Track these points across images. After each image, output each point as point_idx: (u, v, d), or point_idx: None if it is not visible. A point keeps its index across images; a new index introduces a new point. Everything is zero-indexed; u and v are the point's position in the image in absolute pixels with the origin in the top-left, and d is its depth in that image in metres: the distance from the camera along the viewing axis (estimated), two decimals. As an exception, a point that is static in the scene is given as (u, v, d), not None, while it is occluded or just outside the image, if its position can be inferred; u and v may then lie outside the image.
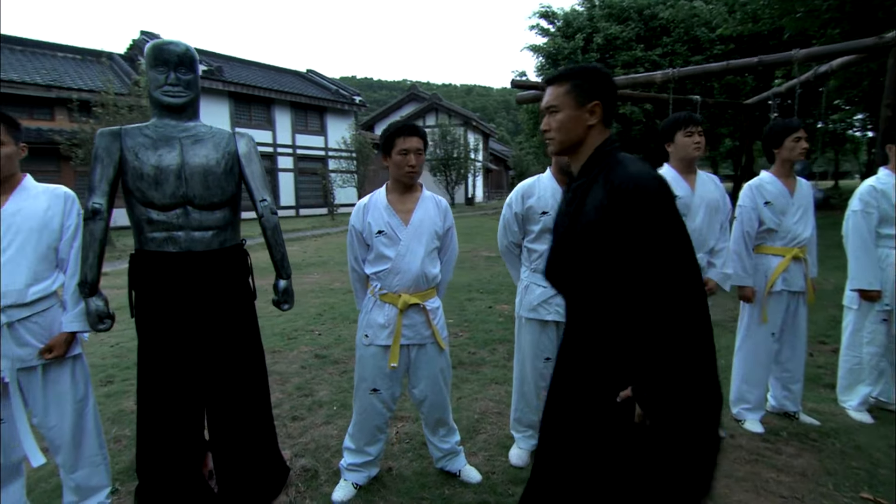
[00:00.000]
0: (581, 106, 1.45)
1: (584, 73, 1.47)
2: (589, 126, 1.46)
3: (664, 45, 16.82)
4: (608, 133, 1.48)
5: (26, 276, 1.94)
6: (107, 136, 2.04)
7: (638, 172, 1.33)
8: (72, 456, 2.09)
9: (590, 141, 1.47)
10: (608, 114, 1.48)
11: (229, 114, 19.97)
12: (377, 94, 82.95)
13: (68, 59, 17.90)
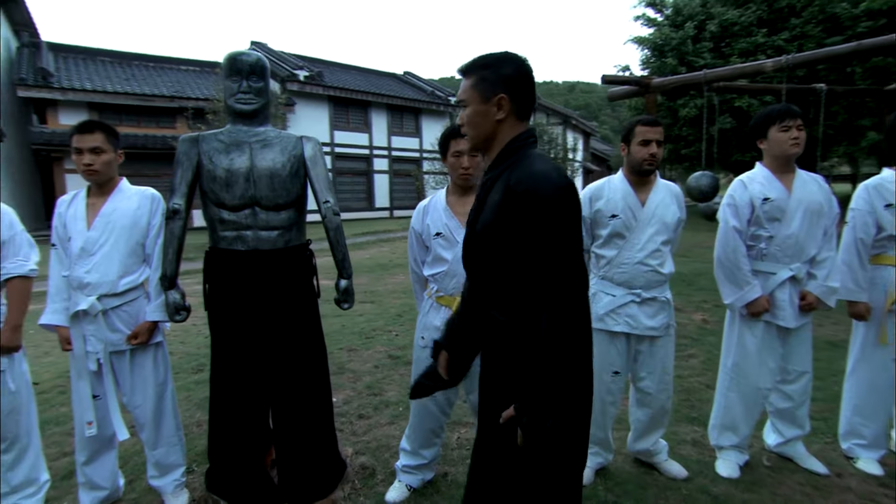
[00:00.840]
0: (487, 100, 1.40)
1: (489, 64, 1.40)
2: (497, 120, 1.40)
3: (792, 28, 15.33)
4: (523, 127, 1.43)
5: (118, 269, 2.22)
6: (186, 142, 2.27)
7: (535, 174, 1.29)
8: (153, 434, 2.35)
9: (500, 136, 1.42)
10: (521, 106, 1.41)
11: (328, 117, 21.18)
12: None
13: (189, 71, 20.03)
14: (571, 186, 1.30)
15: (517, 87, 1.40)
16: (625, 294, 2.40)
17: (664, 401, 2.53)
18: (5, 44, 17.41)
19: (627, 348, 2.47)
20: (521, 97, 1.40)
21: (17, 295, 2.26)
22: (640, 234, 2.38)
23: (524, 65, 1.41)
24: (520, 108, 1.41)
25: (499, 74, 1.39)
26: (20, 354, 2.31)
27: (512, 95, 1.39)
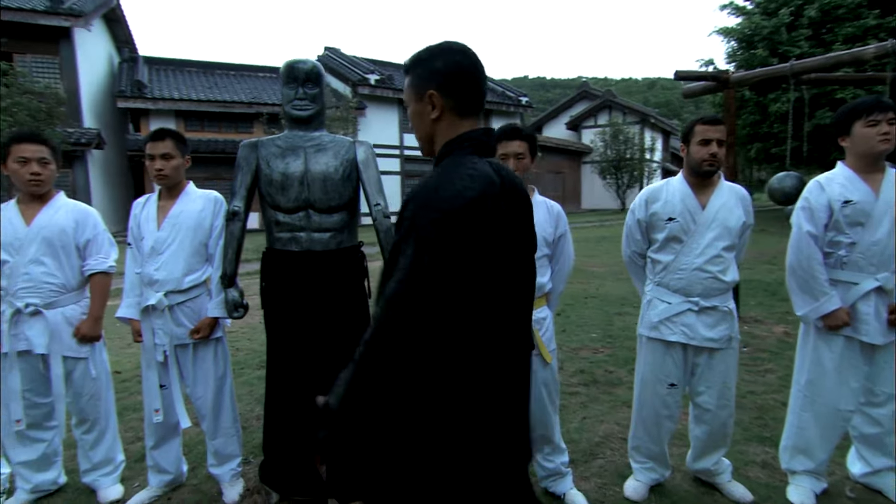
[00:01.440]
0: (419, 99, 1.28)
1: (421, 60, 1.28)
2: (433, 119, 1.28)
3: (913, 8, 13.92)
4: (465, 126, 1.27)
5: (183, 267, 2.41)
6: (246, 147, 2.43)
7: (430, 181, 1.17)
8: (212, 425, 2.52)
9: (438, 138, 1.30)
10: (460, 102, 1.26)
11: (398, 120, 21.68)
12: (550, 93, 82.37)
13: (266, 77, 21.17)
14: (468, 209, 1.11)
15: (451, 82, 1.26)
16: (681, 302, 2.31)
17: (724, 418, 2.41)
18: (108, 59, 19.21)
19: (684, 360, 2.37)
20: (456, 92, 1.26)
21: (99, 289, 2.51)
22: (699, 238, 2.28)
23: (460, 56, 1.27)
24: (458, 104, 1.27)
25: (429, 69, 1.27)
26: (100, 344, 2.56)
27: (444, 91, 1.25)
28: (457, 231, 1.10)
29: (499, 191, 1.19)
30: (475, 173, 1.16)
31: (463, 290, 1.13)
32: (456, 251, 1.10)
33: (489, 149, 1.29)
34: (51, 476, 2.56)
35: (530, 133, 2.33)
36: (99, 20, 17.48)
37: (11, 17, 14.42)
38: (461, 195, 1.12)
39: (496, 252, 1.18)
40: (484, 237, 1.14)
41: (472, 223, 1.11)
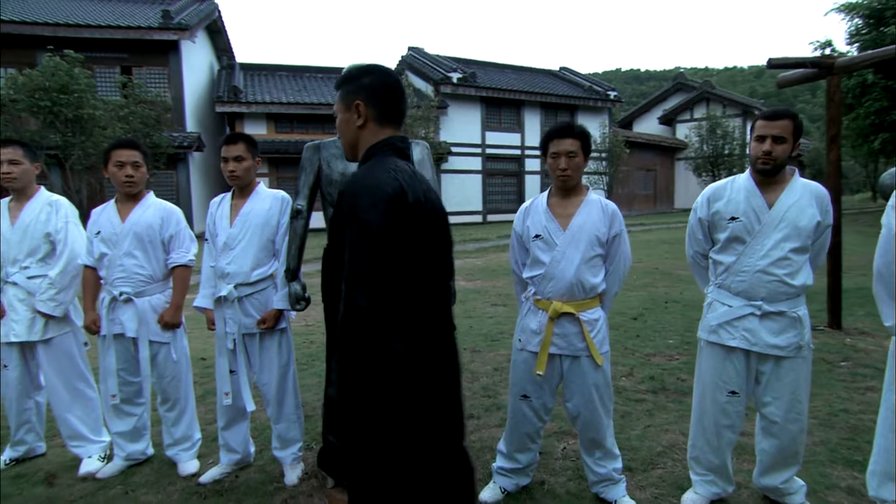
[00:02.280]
0: (347, 108, 1.49)
1: (351, 77, 1.50)
2: (358, 127, 1.48)
3: None
4: (385, 133, 1.48)
5: (251, 262, 2.64)
6: (310, 149, 2.62)
7: (360, 176, 1.36)
8: (276, 411, 2.74)
9: (361, 143, 1.49)
10: (381, 112, 1.47)
11: (480, 118, 21.80)
12: (644, 86, 79.04)
13: (353, 80, 22.05)
14: (393, 201, 1.29)
15: (375, 95, 1.48)
16: (743, 305, 2.22)
17: (795, 433, 2.27)
18: (210, 67, 20.89)
19: (747, 367, 2.27)
20: (379, 104, 1.48)
21: (179, 280, 2.81)
22: (763, 239, 2.18)
23: (384, 75, 1.51)
24: (380, 113, 1.48)
25: (358, 84, 1.49)
26: (181, 330, 2.86)
27: (369, 102, 1.47)
28: (389, 213, 1.29)
29: (420, 191, 1.39)
30: (397, 170, 1.37)
31: (401, 266, 1.31)
32: (391, 229, 1.30)
33: (406, 154, 1.51)
34: (140, 447, 2.90)
35: (583, 131, 2.33)
36: (202, 32, 19.06)
37: (132, 35, 16.10)
38: (388, 184, 1.32)
39: (418, 236, 1.37)
40: (408, 222, 1.33)
41: (398, 208, 1.31)
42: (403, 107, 1.54)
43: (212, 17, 19.28)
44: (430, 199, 1.45)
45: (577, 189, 2.39)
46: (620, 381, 3.95)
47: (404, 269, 1.32)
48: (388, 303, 1.28)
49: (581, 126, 2.36)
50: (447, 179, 21.12)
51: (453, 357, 1.53)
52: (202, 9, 18.54)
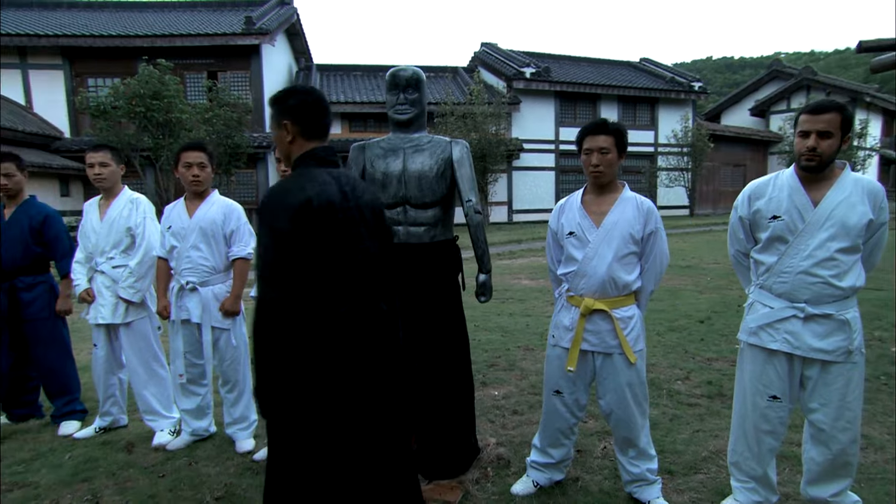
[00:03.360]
0: (279, 127, 1.80)
1: (277, 100, 1.81)
2: (288, 142, 1.79)
3: None
4: (310, 146, 1.79)
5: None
6: (356, 149, 2.81)
7: (275, 187, 1.68)
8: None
9: (293, 155, 1.81)
10: (306, 128, 1.78)
11: (554, 113, 21.56)
12: (737, 75, 74.32)
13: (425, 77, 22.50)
14: (299, 209, 1.59)
15: (299, 114, 1.78)
16: (785, 307, 2.17)
17: (845, 443, 2.19)
18: (288, 69, 22.01)
19: (790, 371, 2.22)
20: (302, 121, 1.78)
21: (239, 272, 3.10)
22: (807, 238, 2.12)
23: (305, 95, 1.81)
24: (304, 130, 1.78)
25: (284, 106, 1.79)
26: (240, 318, 3.15)
27: (295, 120, 1.77)
28: (294, 220, 1.59)
29: (336, 192, 1.70)
30: (310, 179, 1.69)
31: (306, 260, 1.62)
32: (294, 234, 1.59)
33: (329, 162, 1.80)
34: (204, 424, 3.23)
35: (618, 127, 2.36)
36: (282, 35, 20.13)
37: (217, 41, 17.30)
38: (295, 195, 1.62)
39: (333, 235, 1.67)
40: (319, 225, 1.63)
41: (302, 216, 1.60)
42: (327, 121, 1.85)
43: (290, 21, 20.32)
44: (357, 198, 1.77)
45: (612, 186, 2.43)
46: (675, 385, 3.89)
47: (310, 263, 1.63)
48: (290, 293, 1.59)
49: (617, 123, 2.39)
50: (518, 176, 21.07)
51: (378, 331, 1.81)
52: (282, 13, 19.58)
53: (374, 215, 1.84)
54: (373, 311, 1.79)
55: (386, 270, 1.89)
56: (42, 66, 17.28)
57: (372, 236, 1.81)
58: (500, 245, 14.16)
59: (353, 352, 1.72)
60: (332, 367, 1.68)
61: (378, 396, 1.79)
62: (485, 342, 5.21)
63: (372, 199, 1.86)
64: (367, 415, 1.75)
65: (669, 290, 7.61)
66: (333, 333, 1.68)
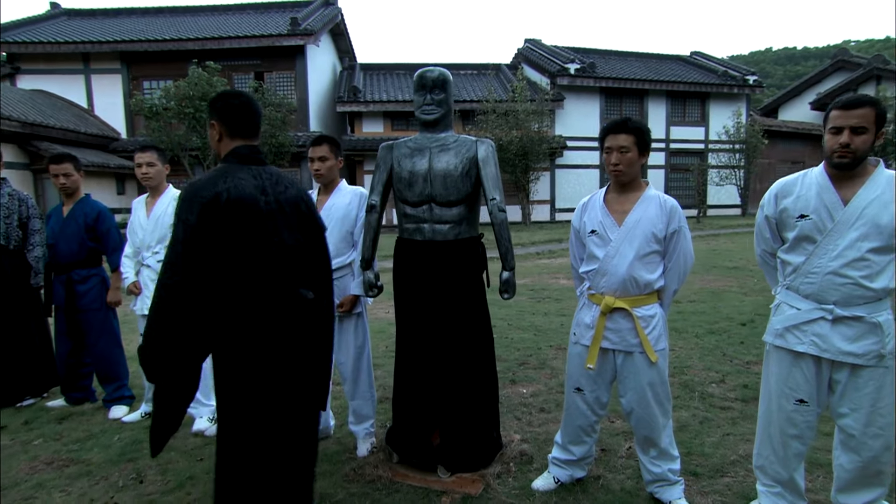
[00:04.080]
0: (211, 127, 2.08)
1: (210, 103, 2.09)
2: (217, 140, 2.07)
3: None
4: (234, 144, 2.05)
5: (332, 251, 2.95)
6: (384, 149, 2.91)
7: (191, 182, 1.92)
8: (352, 387, 3.08)
9: (221, 152, 2.07)
10: (230, 127, 2.04)
11: (599, 110, 21.24)
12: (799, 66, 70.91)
13: (467, 75, 22.57)
14: (206, 204, 1.81)
15: (224, 115, 2.04)
16: (812, 309, 2.14)
17: (878, 451, 2.14)
18: (332, 69, 22.48)
19: (817, 374, 2.18)
20: (228, 121, 2.04)
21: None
22: (837, 238, 2.08)
23: (232, 98, 2.06)
24: (229, 129, 2.04)
25: (213, 108, 2.07)
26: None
27: (221, 120, 2.04)
28: (202, 214, 1.81)
29: (251, 188, 1.93)
30: (226, 176, 1.91)
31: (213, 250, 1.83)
32: (202, 227, 1.81)
33: (252, 159, 2.04)
34: (240, 413, 3.39)
35: (639, 126, 2.36)
36: (326, 35, 20.59)
37: (264, 42, 17.87)
38: (206, 191, 1.84)
39: (243, 228, 1.88)
40: (227, 218, 1.84)
41: (210, 210, 1.82)
42: (252, 121, 2.08)
43: (335, 21, 20.75)
44: (278, 193, 2.02)
45: (635, 185, 2.44)
46: (709, 388, 3.83)
47: (218, 252, 1.85)
48: (189, 279, 1.81)
49: (639, 121, 2.40)
50: (561, 174, 20.87)
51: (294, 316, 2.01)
52: (326, 13, 20.03)
53: (295, 210, 2.07)
54: (288, 297, 2.00)
55: (311, 261, 2.13)
56: (103, 70, 18.27)
57: (291, 229, 2.04)
58: (541, 244, 14.10)
59: (263, 332, 1.94)
60: (237, 345, 1.93)
61: (286, 373, 2.00)
62: (517, 341, 5.25)
63: (296, 195, 2.10)
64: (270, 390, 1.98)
65: (713, 291, 7.44)
66: (243, 316, 1.91)
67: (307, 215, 2.13)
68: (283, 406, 2.00)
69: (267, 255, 1.94)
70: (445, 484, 2.69)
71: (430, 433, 2.87)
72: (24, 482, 2.82)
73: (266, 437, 1.97)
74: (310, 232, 2.14)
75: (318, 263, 2.18)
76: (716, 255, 11.31)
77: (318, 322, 2.14)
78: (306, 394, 2.09)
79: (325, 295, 2.18)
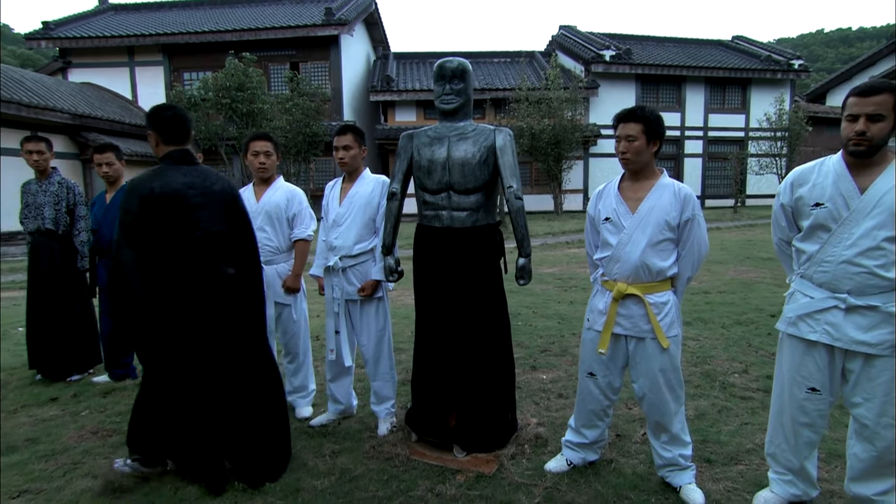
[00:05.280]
0: (150, 136, 2.58)
1: (147, 115, 2.58)
2: (155, 146, 2.58)
3: None
4: (168, 149, 2.55)
5: (354, 237, 3.10)
6: (405, 138, 2.99)
7: (134, 181, 2.45)
8: (373, 369, 3.19)
9: (159, 156, 2.57)
10: (162, 135, 2.54)
11: (635, 98, 20.80)
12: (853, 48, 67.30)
13: (500, 63, 22.41)
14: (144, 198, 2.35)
15: (158, 126, 2.53)
16: (826, 297, 2.13)
17: (892, 441, 2.12)
18: (366, 58, 22.63)
19: (830, 363, 2.17)
20: (160, 131, 2.54)
21: (300, 252, 3.38)
22: (852, 227, 2.06)
23: (165, 110, 2.57)
24: (162, 137, 2.54)
25: (149, 119, 2.57)
26: (301, 295, 3.44)
27: (154, 130, 2.55)
28: (140, 205, 2.34)
29: (180, 184, 2.42)
30: (159, 176, 2.43)
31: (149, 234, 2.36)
32: (139, 216, 2.34)
33: (183, 161, 2.53)
34: (269, 391, 3.56)
35: (648, 115, 2.37)
36: (360, 25, 20.73)
37: (299, 33, 18.12)
38: (142, 187, 2.38)
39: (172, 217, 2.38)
40: (159, 209, 2.36)
41: (146, 203, 2.35)
42: (181, 129, 2.56)
43: (369, 10, 20.87)
44: (206, 188, 2.48)
45: (649, 173, 2.46)
46: (730, 378, 3.81)
47: (153, 236, 2.37)
48: (130, 257, 2.34)
49: (649, 110, 2.40)
50: (595, 163, 20.61)
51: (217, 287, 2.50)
52: (360, 3, 20.14)
53: (221, 202, 2.52)
54: (212, 273, 2.48)
55: (235, 243, 2.58)
56: (146, 62, 18.88)
57: (216, 217, 2.49)
58: (571, 233, 14.01)
59: (191, 300, 2.44)
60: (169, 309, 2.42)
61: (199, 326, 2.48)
62: (541, 328, 5.29)
63: (222, 189, 2.54)
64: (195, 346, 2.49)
65: (744, 282, 7.31)
66: (174, 287, 2.41)
67: (233, 206, 2.57)
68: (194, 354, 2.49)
69: (194, 239, 2.42)
70: (460, 463, 2.78)
71: (447, 415, 2.96)
72: (73, 448, 3.03)
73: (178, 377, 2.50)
74: (235, 220, 2.58)
75: (243, 245, 2.62)
76: (751, 245, 11.05)
77: (243, 290, 2.61)
78: (222, 345, 2.54)
79: (249, 270, 2.64)
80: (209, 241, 2.46)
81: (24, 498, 2.56)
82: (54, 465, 2.86)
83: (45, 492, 2.60)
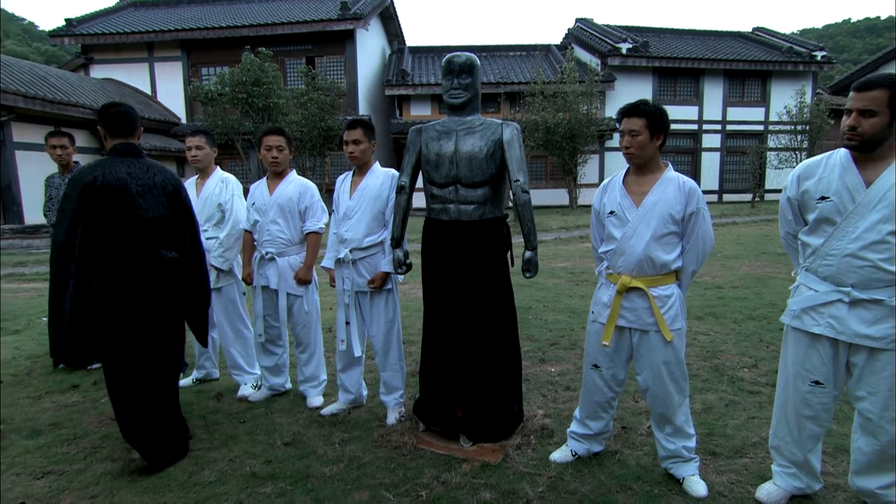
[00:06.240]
0: (99, 130, 2.79)
1: (97, 112, 2.77)
2: (103, 139, 2.78)
3: None
4: (114, 142, 2.73)
5: (364, 230, 3.15)
6: (414, 132, 3.03)
7: (78, 171, 2.63)
8: (383, 360, 3.25)
9: (106, 148, 2.77)
10: (107, 130, 2.74)
11: (652, 91, 20.60)
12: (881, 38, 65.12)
13: (516, 56, 22.32)
14: (86, 185, 2.50)
15: (105, 121, 2.74)
16: (830, 291, 2.13)
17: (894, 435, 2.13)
18: (381, 52, 22.67)
19: (834, 357, 2.18)
20: (107, 125, 2.74)
21: (312, 244, 3.44)
22: (857, 220, 2.06)
23: (108, 108, 2.75)
24: (108, 132, 2.75)
25: (98, 116, 2.76)
26: (313, 286, 3.50)
27: (102, 125, 2.75)
28: (81, 193, 2.50)
29: (123, 175, 2.60)
30: (103, 166, 2.60)
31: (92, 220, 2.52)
32: (81, 203, 2.50)
33: (128, 153, 2.71)
34: (280, 381, 3.64)
35: (651, 109, 2.37)
36: (375, 19, 20.75)
37: (315, 27, 18.21)
38: (85, 176, 2.55)
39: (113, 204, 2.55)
40: (100, 197, 2.53)
41: (88, 191, 2.51)
42: (127, 124, 2.75)
43: (384, 5, 20.88)
44: (147, 178, 2.67)
45: (653, 166, 2.47)
46: (739, 372, 3.81)
47: (95, 222, 2.51)
48: (69, 241, 2.47)
49: (652, 105, 2.41)
50: (611, 157, 20.47)
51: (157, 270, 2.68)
52: (376, -2, 20.17)
53: (162, 191, 2.71)
54: (151, 256, 2.65)
55: (175, 229, 2.76)
56: (165, 58, 19.16)
57: (157, 205, 2.67)
58: (585, 228, 13.93)
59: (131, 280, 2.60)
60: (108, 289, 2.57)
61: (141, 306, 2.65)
62: (551, 322, 5.31)
63: (163, 180, 2.73)
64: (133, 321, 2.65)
65: (758, 277, 7.24)
66: (117, 269, 2.57)
67: (173, 195, 2.76)
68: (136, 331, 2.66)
69: (134, 225, 2.59)
70: (466, 452, 2.83)
71: (454, 406, 3.01)
72: (94, 433, 3.14)
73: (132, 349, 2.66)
74: (175, 208, 2.77)
75: (183, 230, 2.81)
76: (767, 240, 10.92)
77: (184, 272, 2.80)
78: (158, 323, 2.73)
79: (191, 253, 2.84)
80: (149, 226, 2.65)
81: (48, 479, 2.66)
82: (76, 448, 2.97)
83: (68, 473, 2.70)
